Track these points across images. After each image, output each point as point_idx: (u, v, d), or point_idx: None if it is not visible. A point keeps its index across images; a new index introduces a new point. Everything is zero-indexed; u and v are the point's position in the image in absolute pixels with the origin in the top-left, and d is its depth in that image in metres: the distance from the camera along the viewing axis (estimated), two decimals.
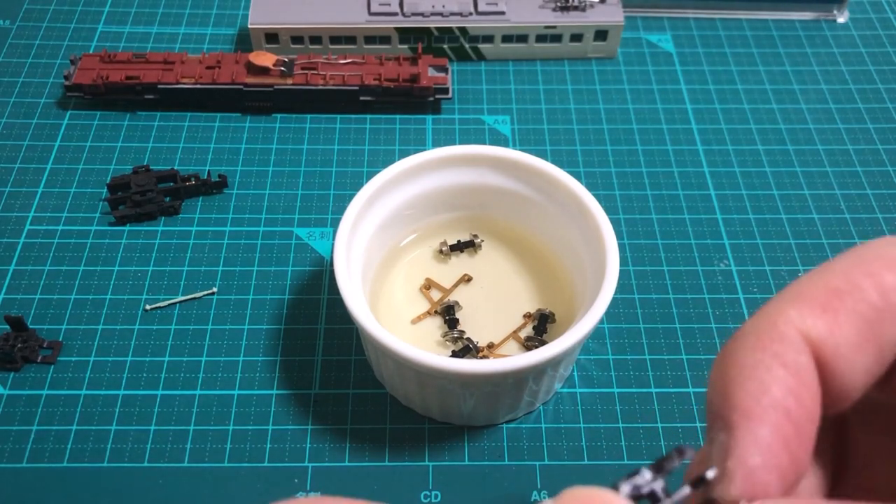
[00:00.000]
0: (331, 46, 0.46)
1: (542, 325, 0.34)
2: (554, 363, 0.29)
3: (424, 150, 0.34)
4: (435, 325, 0.34)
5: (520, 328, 0.34)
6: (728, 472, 0.15)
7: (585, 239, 0.32)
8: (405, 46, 0.46)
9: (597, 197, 0.32)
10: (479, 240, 0.36)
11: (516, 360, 0.28)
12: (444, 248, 0.35)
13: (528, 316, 0.34)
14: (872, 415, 0.18)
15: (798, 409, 0.16)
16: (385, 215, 0.33)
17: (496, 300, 0.35)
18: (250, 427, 0.32)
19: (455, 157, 0.34)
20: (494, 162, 0.34)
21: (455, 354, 0.32)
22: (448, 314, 0.34)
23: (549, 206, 0.34)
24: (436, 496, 0.31)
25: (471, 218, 0.36)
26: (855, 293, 0.16)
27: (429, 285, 0.35)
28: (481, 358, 0.33)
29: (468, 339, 0.33)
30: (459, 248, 0.36)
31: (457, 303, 0.34)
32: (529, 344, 0.33)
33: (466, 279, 0.35)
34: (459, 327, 0.33)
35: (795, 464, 0.16)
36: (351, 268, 0.30)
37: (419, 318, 0.34)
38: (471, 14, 0.45)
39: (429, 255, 0.36)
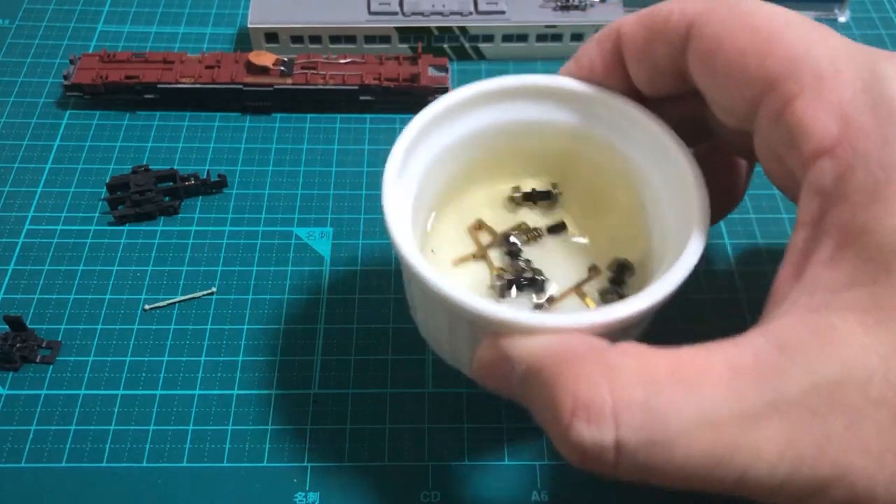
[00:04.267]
0: (331, 46, 0.46)
1: (620, 276, 0.29)
2: (633, 323, 0.24)
3: None
4: (481, 272, 0.30)
5: (584, 282, 0.30)
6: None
7: (668, 185, 0.27)
8: (405, 46, 0.46)
9: None
10: (556, 190, 0.31)
11: (583, 316, 0.22)
12: (516, 196, 0.31)
13: (593, 269, 0.30)
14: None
15: (591, 61, 0.27)
16: (441, 147, 0.29)
17: (560, 252, 0.30)
18: (249, 427, 0.32)
19: (526, 89, 0.29)
20: (567, 97, 0.29)
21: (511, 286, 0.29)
22: (508, 247, 0.30)
23: (628, 148, 0.29)
24: (436, 496, 0.30)
25: (540, 161, 0.31)
26: (654, 13, 0.25)
27: (479, 226, 0.31)
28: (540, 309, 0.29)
29: (535, 272, 0.29)
30: (533, 198, 0.31)
31: (516, 243, 0.30)
32: (608, 297, 0.29)
33: (524, 228, 0.31)
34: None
35: (589, 71, 0.27)
36: (401, 195, 0.27)
37: (463, 259, 0.30)
38: (471, 13, 0.45)
39: (493, 201, 0.32)
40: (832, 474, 0.17)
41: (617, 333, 0.23)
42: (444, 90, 0.43)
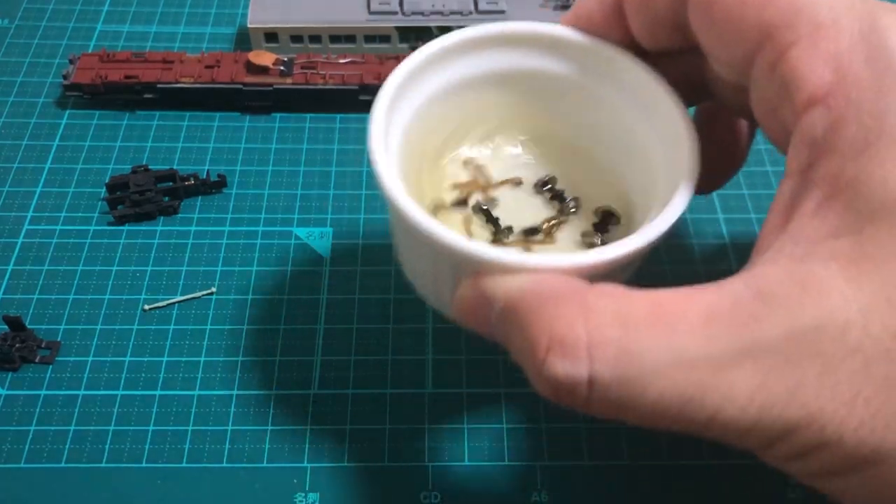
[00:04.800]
0: (330, 46, 0.46)
1: (604, 224, 0.29)
2: (615, 269, 0.23)
3: None
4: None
5: (559, 221, 0.29)
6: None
7: (659, 138, 0.27)
8: (405, 45, 0.46)
9: None
10: (569, 200, 0.30)
11: (564, 258, 0.22)
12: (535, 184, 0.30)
13: (568, 211, 0.29)
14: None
15: (589, 12, 0.27)
16: (430, 93, 0.28)
17: (546, 204, 0.30)
18: (249, 427, 0.32)
19: (520, 36, 0.29)
20: (562, 46, 0.28)
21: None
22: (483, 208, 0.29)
23: (621, 100, 0.29)
24: (435, 496, 0.30)
25: (531, 111, 0.31)
26: None
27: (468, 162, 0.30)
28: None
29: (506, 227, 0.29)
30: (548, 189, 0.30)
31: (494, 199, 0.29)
32: (585, 240, 0.29)
33: (516, 182, 0.30)
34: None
35: (587, 21, 0.27)
36: (389, 139, 0.26)
37: (456, 186, 0.29)
38: (471, 13, 0.45)
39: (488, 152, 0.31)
40: (802, 418, 0.18)
41: (598, 278, 0.22)
42: None
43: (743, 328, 0.18)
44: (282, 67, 0.43)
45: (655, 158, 0.28)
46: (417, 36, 0.46)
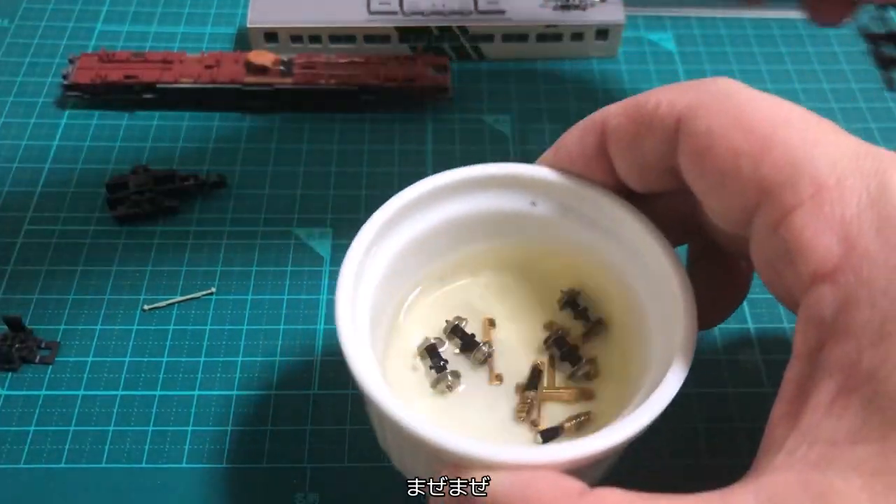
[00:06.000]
0: (330, 46, 0.46)
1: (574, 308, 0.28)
2: (604, 458, 0.22)
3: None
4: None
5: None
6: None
7: (653, 297, 0.25)
8: (405, 46, 0.46)
9: None
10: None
11: (550, 451, 0.21)
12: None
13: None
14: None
15: (569, 153, 0.25)
16: (402, 245, 0.27)
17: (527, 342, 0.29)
18: (248, 427, 0.32)
19: (498, 178, 0.27)
20: (544, 188, 0.27)
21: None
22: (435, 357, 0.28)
23: (610, 251, 0.27)
24: None
25: (515, 253, 0.30)
26: (641, 104, 0.23)
27: (491, 323, 0.29)
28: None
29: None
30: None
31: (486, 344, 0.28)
32: (569, 391, 0.27)
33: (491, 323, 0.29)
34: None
35: (569, 162, 0.26)
36: (357, 311, 0.25)
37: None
38: (471, 13, 0.45)
39: (476, 291, 0.30)
40: None
41: (587, 468, 0.21)
42: (444, 90, 0.43)
43: None
44: (282, 67, 0.43)
45: (646, 304, 0.26)
46: (417, 36, 0.46)
